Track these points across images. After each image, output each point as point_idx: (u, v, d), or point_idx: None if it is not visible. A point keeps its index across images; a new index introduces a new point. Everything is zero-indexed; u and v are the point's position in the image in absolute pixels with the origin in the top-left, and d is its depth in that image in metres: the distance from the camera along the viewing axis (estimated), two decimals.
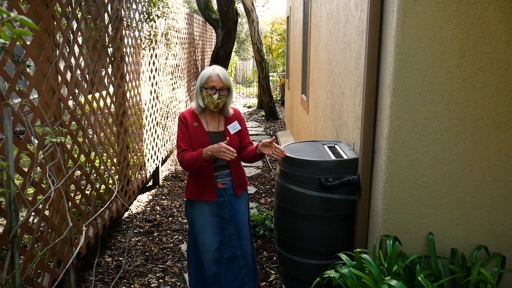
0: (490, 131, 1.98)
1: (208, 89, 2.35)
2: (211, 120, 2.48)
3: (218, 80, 2.35)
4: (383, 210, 2.10)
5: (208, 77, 2.36)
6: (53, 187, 1.93)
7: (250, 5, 9.66)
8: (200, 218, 2.48)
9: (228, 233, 2.51)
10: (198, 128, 2.43)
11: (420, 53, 1.93)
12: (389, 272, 1.89)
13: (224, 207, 2.49)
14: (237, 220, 2.52)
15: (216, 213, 2.48)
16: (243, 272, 2.55)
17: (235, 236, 2.52)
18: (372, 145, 2.20)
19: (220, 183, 2.47)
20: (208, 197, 2.45)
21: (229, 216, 2.50)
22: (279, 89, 14.20)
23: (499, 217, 2.07)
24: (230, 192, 2.49)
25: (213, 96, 2.35)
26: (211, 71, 2.38)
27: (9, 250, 1.80)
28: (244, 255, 2.55)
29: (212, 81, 2.35)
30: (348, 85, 2.81)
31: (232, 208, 2.51)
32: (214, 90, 2.34)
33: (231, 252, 2.52)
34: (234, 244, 2.52)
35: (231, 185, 2.49)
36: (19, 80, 2.19)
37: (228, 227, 2.51)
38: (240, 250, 2.54)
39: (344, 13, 2.95)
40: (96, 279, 3.09)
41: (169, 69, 5.85)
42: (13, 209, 1.78)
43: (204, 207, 2.47)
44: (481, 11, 1.88)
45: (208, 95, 2.35)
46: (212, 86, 2.34)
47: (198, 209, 2.48)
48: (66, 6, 2.73)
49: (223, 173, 2.48)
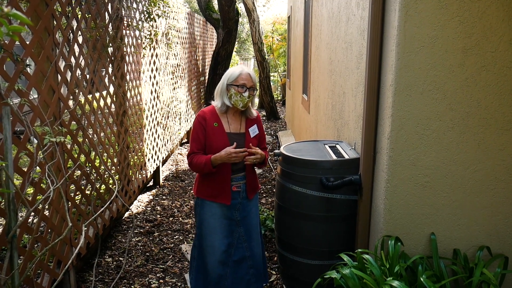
0: (493, 131, 1.96)
1: (238, 87, 2.32)
2: (233, 120, 2.43)
3: (249, 79, 2.34)
4: (385, 210, 2.08)
5: (238, 75, 2.33)
6: (52, 187, 1.92)
7: (251, 5, 9.65)
8: (210, 220, 2.45)
9: (238, 235, 2.49)
10: (218, 128, 2.37)
11: (422, 52, 1.91)
12: (391, 273, 1.87)
13: (236, 210, 2.47)
14: (247, 222, 2.51)
15: (227, 216, 2.45)
16: (250, 273, 2.53)
17: (245, 238, 2.51)
18: (373, 145, 2.18)
19: (235, 185, 2.44)
20: (222, 199, 2.41)
21: (240, 219, 2.48)
22: (280, 89, 14.19)
23: (502, 218, 2.05)
24: (243, 195, 2.47)
25: (244, 94, 2.31)
26: (240, 70, 2.36)
27: (8, 250, 1.79)
28: (253, 256, 2.54)
29: (243, 79, 2.32)
30: (349, 85, 2.79)
31: (243, 210, 2.49)
32: (245, 88, 2.31)
33: (240, 254, 2.50)
34: (244, 246, 2.50)
35: (244, 188, 2.47)
36: (19, 80, 2.18)
37: (238, 229, 2.49)
38: (249, 251, 2.52)
39: (345, 12, 2.93)
40: (96, 279, 3.08)
41: (169, 68, 5.84)
42: (12, 209, 1.76)
43: (216, 209, 2.44)
44: (484, 9, 1.86)
45: (238, 93, 2.32)
46: (243, 84, 2.31)
47: (209, 211, 2.45)
48: (66, 5, 2.72)
49: (239, 176, 2.45)
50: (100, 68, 3.39)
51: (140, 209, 4.48)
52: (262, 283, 2.64)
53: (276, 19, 15.28)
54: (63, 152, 2.70)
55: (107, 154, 3.57)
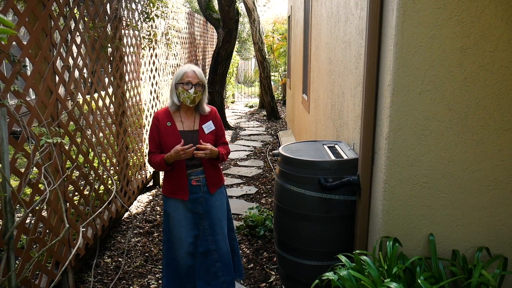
0: (492, 131, 1.95)
1: (184, 84, 2.42)
2: (186, 118, 2.53)
3: (194, 76, 2.44)
4: (383, 211, 2.07)
5: (184, 73, 2.44)
6: (49, 188, 1.92)
7: (251, 5, 9.64)
8: (175, 214, 2.55)
9: (202, 228, 2.59)
10: (171, 127, 2.48)
11: (420, 52, 1.90)
12: (389, 274, 1.86)
13: (199, 203, 2.55)
14: (211, 216, 2.59)
15: (190, 209, 2.55)
16: (216, 266, 2.63)
17: (209, 232, 2.60)
18: (372, 145, 2.17)
19: (194, 180, 2.53)
20: (181, 195, 2.52)
21: (203, 212, 2.57)
22: (280, 88, 14.18)
23: (501, 218, 2.04)
24: (204, 189, 2.55)
25: (190, 91, 2.42)
26: (186, 68, 2.47)
27: (5, 252, 1.79)
28: (218, 249, 2.62)
29: (188, 76, 2.43)
30: (348, 85, 2.78)
31: (206, 204, 2.57)
32: (190, 85, 2.42)
33: (204, 247, 2.60)
34: (208, 239, 2.60)
35: (205, 182, 2.55)
36: (16, 81, 2.17)
37: (202, 222, 2.58)
38: (214, 245, 2.61)
39: (344, 11, 2.92)
40: (95, 280, 3.08)
41: (169, 69, 5.83)
42: (9, 210, 1.76)
43: (179, 204, 2.55)
44: (482, 9, 1.85)
45: (184, 90, 2.42)
46: (188, 81, 2.42)
47: (173, 206, 2.56)
48: (64, 5, 2.71)
49: (197, 171, 2.53)
50: (98, 68, 3.38)
51: (140, 210, 4.47)
52: (232, 276, 2.70)
53: (276, 18, 15.28)
54: (61, 153, 2.70)
55: (106, 155, 3.57)
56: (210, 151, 2.42)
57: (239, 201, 4.75)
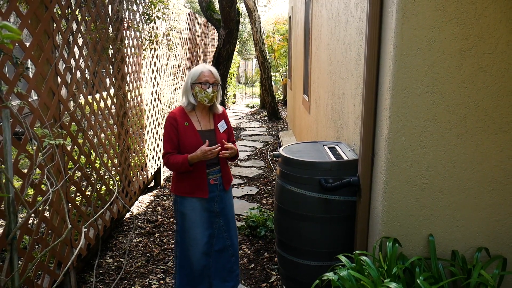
0: (491, 132, 1.96)
1: (202, 84, 2.44)
2: (202, 118, 2.55)
3: (211, 75, 2.46)
4: (383, 212, 2.08)
5: (200, 73, 2.46)
6: (52, 189, 1.93)
7: (252, 5, 9.66)
8: (191, 214, 2.56)
9: (218, 226, 2.63)
10: (189, 127, 2.49)
11: (420, 53, 1.91)
12: (389, 274, 1.88)
13: (215, 202, 2.59)
14: (226, 213, 2.65)
15: (206, 208, 2.57)
16: (232, 261, 2.69)
17: (225, 228, 2.65)
18: (372, 146, 2.19)
19: (212, 179, 2.57)
20: (200, 194, 2.53)
21: (219, 210, 2.62)
22: (281, 89, 14.19)
23: (500, 219, 2.05)
24: (221, 187, 2.61)
25: (207, 90, 2.44)
26: (202, 68, 2.49)
27: (8, 252, 1.81)
28: (232, 245, 2.70)
29: (205, 76, 2.45)
30: (348, 86, 2.79)
31: (221, 202, 2.62)
32: (208, 84, 2.44)
33: (221, 244, 2.65)
34: (224, 236, 2.65)
35: (221, 180, 2.61)
36: (19, 83, 2.19)
37: (218, 220, 2.62)
38: (229, 241, 2.68)
39: (344, 13, 2.94)
40: (97, 280, 3.10)
41: (170, 69, 5.85)
42: (12, 211, 1.78)
43: (196, 203, 2.55)
44: (481, 11, 1.86)
45: (202, 89, 2.44)
46: (205, 80, 2.44)
47: (189, 206, 2.56)
48: (66, 7, 2.73)
49: (215, 170, 2.58)
50: (100, 69, 3.40)
51: (141, 210, 4.49)
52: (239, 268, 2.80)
53: (277, 19, 15.28)
54: (63, 154, 2.72)
55: (108, 155, 3.59)
56: (234, 149, 2.48)
57: (240, 201, 4.76)
